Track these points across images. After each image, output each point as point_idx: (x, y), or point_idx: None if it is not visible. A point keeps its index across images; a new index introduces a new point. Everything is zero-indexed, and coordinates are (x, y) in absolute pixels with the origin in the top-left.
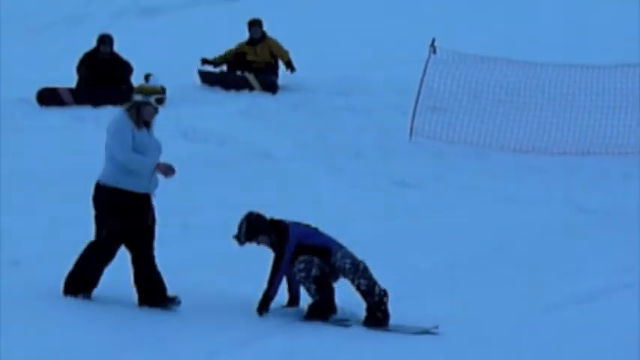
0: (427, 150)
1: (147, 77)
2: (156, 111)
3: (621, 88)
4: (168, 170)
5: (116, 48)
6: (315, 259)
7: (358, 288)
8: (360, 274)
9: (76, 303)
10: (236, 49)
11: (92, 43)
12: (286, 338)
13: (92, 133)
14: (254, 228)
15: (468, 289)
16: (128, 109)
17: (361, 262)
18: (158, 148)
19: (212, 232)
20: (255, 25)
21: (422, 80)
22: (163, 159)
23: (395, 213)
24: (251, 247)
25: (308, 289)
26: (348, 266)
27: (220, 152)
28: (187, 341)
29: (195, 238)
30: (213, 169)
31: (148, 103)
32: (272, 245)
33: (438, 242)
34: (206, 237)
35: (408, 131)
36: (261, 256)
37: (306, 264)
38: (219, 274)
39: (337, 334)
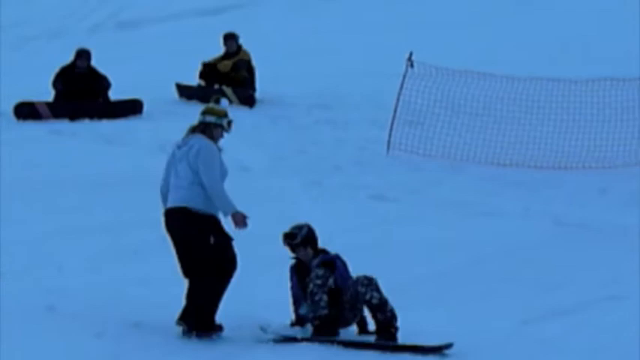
0: (404, 164)
1: (217, 100)
2: (224, 134)
3: (598, 102)
4: (242, 223)
5: (94, 62)
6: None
7: (370, 302)
8: (373, 287)
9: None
10: (213, 62)
11: (70, 57)
12: (266, 352)
13: (70, 146)
14: (311, 238)
15: (447, 302)
16: (202, 131)
17: (374, 277)
18: (226, 172)
19: None
20: (230, 38)
21: (399, 94)
22: (142, 173)
23: (372, 227)
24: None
25: (319, 301)
26: (361, 279)
27: None
28: (165, 357)
29: (171, 253)
30: None
31: (220, 126)
32: (306, 262)
33: (416, 256)
34: None
35: (386, 145)
36: (241, 271)
37: (324, 272)
38: None
39: (318, 352)
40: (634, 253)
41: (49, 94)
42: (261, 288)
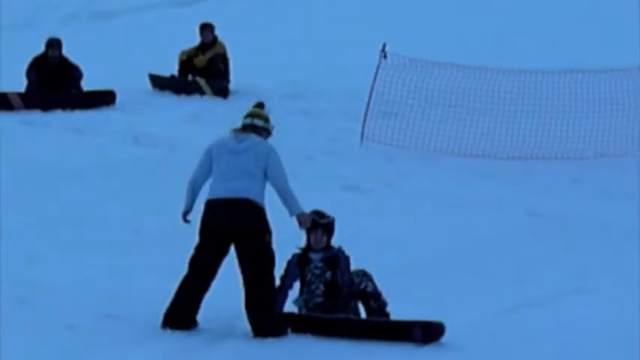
0: (378, 155)
1: (262, 105)
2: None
3: (570, 93)
4: (307, 223)
5: (67, 52)
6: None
7: (364, 290)
8: (368, 278)
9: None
10: (187, 53)
11: (41, 48)
12: (239, 343)
13: (42, 137)
14: (333, 229)
15: (419, 294)
16: (266, 138)
17: (369, 272)
18: None
19: (162, 237)
20: (206, 29)
21: (373, 85)
22: (115, 164)
23: (345, 218)
24: None
25: (315, 289)
26: (357, 271)
27: (171, 157)
28: (138, 348)
29: (146, 244)
30: (164, 174)
31: (266, 130)
32: (312, 249)
33: (389, 247)
34: (158, 243)
35: (359, 136)
36: None
37: (323, 264)
38: (169, 279)
39: (294, 342)
40: (606, 244)
41: (21, 85)
42: (234, 280)
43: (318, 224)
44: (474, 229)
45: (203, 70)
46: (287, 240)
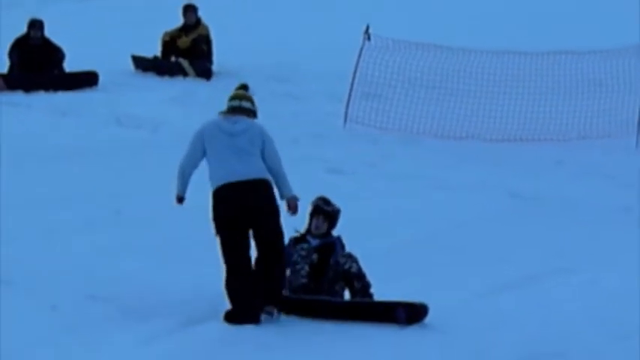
0: (361, 137)
1: (246, 87)
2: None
3: (553, 74)
4: (295, 208)
5: (50, 33)
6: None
7: (349, 270)
8: (353, 259)
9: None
10: (170, 34)
11: (23, 29)
12: (218, 325)
13: (25, 118)
14: (337, 218)
15: (403, 275)
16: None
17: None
18: None
19: (145, 218)
20: (189, 10)
21: (356, 67)
22: (98, 145)
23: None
24: (182, 233)
25: (300, 270)
26: (343, 252)
27: (154, 138)
28: (121, 328)
29: (127, 225)
30: (147, 155)
31: (254, 112)
32: (311, 234)
33: (372, 229)
34: (139, 224)
35: (343, 118)
36: (194, 243)
37: (309, 248)
38: (151, 260)
39: (273, 323)
40: (588, 225)
41: (3, 66)
42: (213, 261)
43: (321, 210)
44: (456, 211)
45: (186, 51)
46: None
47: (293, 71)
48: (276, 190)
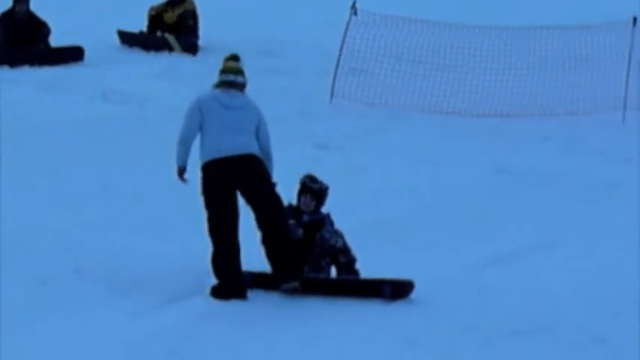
0: (348, 112)
1: (237, 58)
2: None
3: (540, 49)
4: None
5: (35, 8)
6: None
7: (334, 245)
8: (338, 234)
9: None
10: (156, 9)
11: (9, 3)
12: (205, 300)
13: (10, 93)
14: (325, 196)
15: (389, 250)
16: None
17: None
18: None
19: (132, 194)
20: None
21: (343, 42)
22: (84, 120)
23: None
24: (169, 208)
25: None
26: (329, 228)
27: (140, 113)
28: (109, 303)
29: (114, 199)
30: (133, 130)
31: (244, 85)
32: (301, 211)
33: (359, 204)
34: (126, 199)
35: (329, 93)
36: (181, 219)
37: (294, 224)
38: (138, 235)
39: (262, 297)
40: (574, 200)
41: None
42: (200, 237)
43: (309, 189)
44: (443, 186)
45: (172, 26)
46: None
47: (279, 46)
48: None
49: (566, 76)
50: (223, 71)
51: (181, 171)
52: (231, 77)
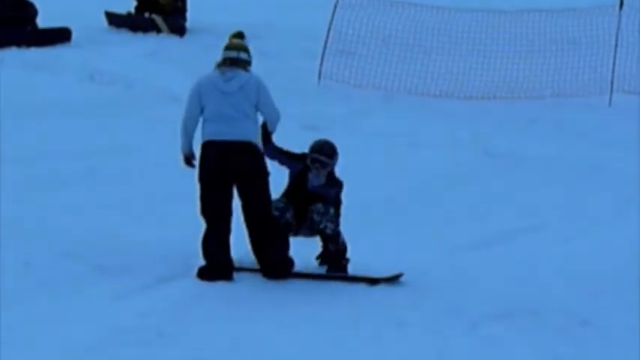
0: (335, 94)
1: (241, 35)
2: None
3: (527, 33)
4: None
5: None
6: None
7: (323, 231)
8: (329, 217)
9: None
10: None
11: None
12: (192, 281)
13: None
14: (336, 155)
15: (376, 232)
16: (243, 68)
17: (331, 207)
18: None
19: (119, 175)
20: None
21: (330, 24)
22: (71, 102)
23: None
24: (156, 190)
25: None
26: (318, 207)
27: (127, 95)
28: (95, 285)
29: (102, 181)
30: (120, 111)
31: (250, 62)
32: (326, 179)
33: (347, 186)
34: (113, 181)
35: (317, 75)
36: (168, 201)
37: (286, 202)
38: (125, 217)
39: (248, 278)
40: (561, 183)
41: None
42: (194, 219)
43: (322, 163)
44: (430, 168)
45: (164, 7)
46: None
47: (266, 28)
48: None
49: (553, 58)
50: (226, 48)
51: (187, 157)
52: (234, 54)
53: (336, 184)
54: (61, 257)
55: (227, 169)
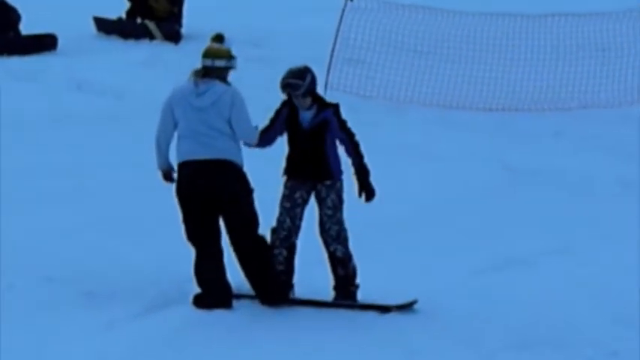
0: (343, 105)
1: (220, 38)
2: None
3: (551, 38)
4: None
5: None
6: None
7: (333, 254)
8: (340, 240)
9: None
10: None
11: None
12: (186, 309)
13: None
14: (314, 85)
15: (389, 254)
16: (217, 77)
17: (343, 230)
18: None
19: (107, 193)
20: None
21: (338, 30)
22: (57, 113)
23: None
24: (148, 209)
25: (278, 255)
26: (331, 231)
27: (118, 106)
28: (81, 312)
29: (89, 200)
30: (110, 124)
31: (231, 68)
32: (316, 108)
33: (355, 204)
34: (101, 198)
35: (323, 85)
36: (161, 221)
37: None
38: (115, 238)
39: (248, 306)
40: (586, 201)
41: None
42: (181, 240)
43: (296, 95)
44: (446, 185)
45: (156, 12)
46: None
47: (269, 34)
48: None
49: (579, 67)
50: (203, 55)
51: (165, 173)
52: (208, 62)
53: (328, 106)
54: (44, 282)
55: (203, 192)
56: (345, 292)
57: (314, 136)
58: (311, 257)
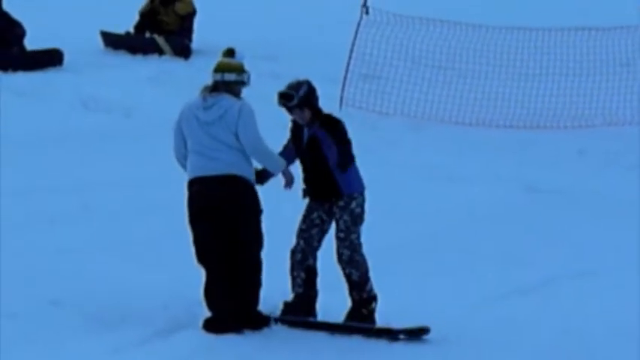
0: (359, 122)
1: (231, 52)
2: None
3: (575, 53)
4: (291, 182)
5: (9, 7)
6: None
7: (349, 277)
8: (354, 264)
9: None
10: (151, 6)
11: None
12: (196, 333)
13: None
14: (310, 97)
15: (404, 277)
16: (227, 91)
17: (361, 254)
18: None
19: (115, 213)
20: None
21: (353, 45)
22: (63, 131)
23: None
24: (156, 230)
25: (296, 277)
26: (345, 254)
27: (126, 124)
28: (88, 338)
29: (96, 220)
30: (118, 143)
31: (242, 82)
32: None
33: (370, 224)
34: (109, 218)
35: (338, 101)
36: (169, 242)
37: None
38: (122, 260)
39: (263, 331)
40: (612, 222)
41: None
42: (191, 262)
43: (292, 107)
44: (465, 205)
45: (166, 26)
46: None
47: (282, 48)
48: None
49: (604, 82)
50: (213, 70)
51: None
52: (218, 76)
53: (329, 123)
54: (49, 306)
55: (209, 207)
56: (359, 316)
57: (312, 153)
58: (330, 280)
